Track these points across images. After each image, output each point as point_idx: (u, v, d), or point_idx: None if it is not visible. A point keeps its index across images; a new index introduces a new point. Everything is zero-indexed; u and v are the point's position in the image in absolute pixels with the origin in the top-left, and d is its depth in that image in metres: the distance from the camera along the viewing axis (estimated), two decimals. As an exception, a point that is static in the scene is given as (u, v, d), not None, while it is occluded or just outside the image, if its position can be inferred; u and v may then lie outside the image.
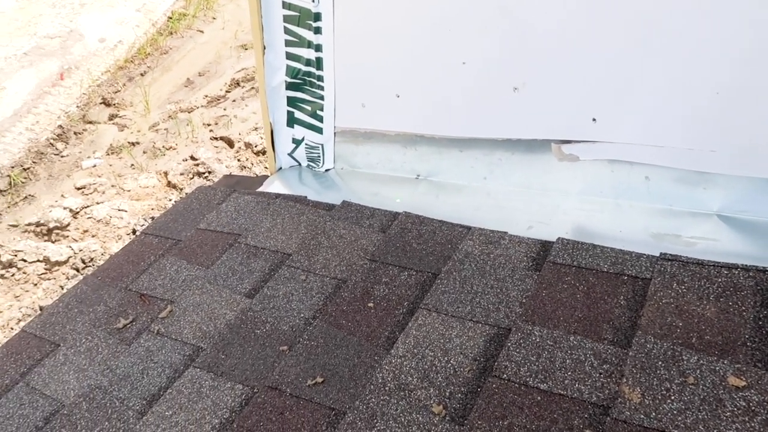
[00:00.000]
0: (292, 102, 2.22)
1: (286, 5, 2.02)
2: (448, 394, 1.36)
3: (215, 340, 1.64)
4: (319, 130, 2.22)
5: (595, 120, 1.74)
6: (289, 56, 2.12)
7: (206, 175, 4.67)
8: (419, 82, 1.96)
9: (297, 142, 2.30)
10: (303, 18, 2.02)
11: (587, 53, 1.69)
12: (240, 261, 1.91)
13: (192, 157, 4.86)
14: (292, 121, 2.26)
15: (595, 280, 1.55)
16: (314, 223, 1.99)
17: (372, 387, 1.41)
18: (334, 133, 2.22)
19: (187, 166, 4.78)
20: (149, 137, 5.27)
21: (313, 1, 1.97)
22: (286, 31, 2.07)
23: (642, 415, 1.21)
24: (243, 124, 5.23)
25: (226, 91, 5.65)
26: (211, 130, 5.21)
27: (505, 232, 1.76)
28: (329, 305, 1.67)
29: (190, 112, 5.45)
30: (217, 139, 5.11)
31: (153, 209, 4.51)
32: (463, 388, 1.37)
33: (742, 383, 1.22)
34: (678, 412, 1.20)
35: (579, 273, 1.58)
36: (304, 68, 2.13)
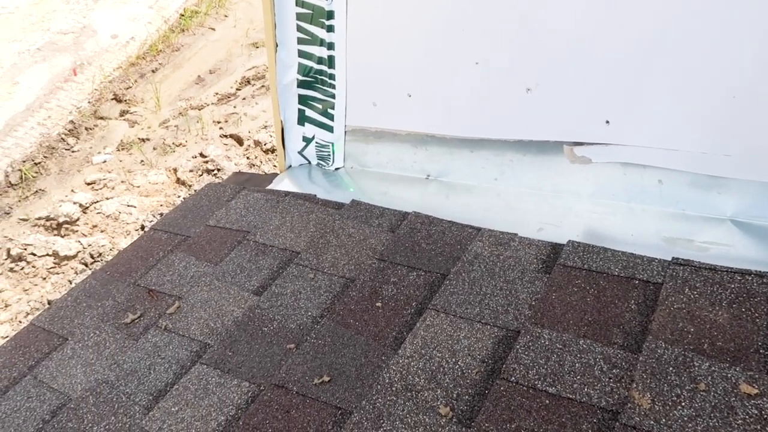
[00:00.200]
0: (303, 100, 2.21)
1: (299, 3, 2.01)
2: (455, 395, 1.35)
3: (222, 337, 1.64)
4: (330, 129, 2.22)
5: (609, 122, 1.73)
6: (301, 54, 2.12)
7: (215, 172, 4.68)
8: (431, 82, 1.95)
9: (307, 141, 2.29)
10: (316, 16, 2.02)
11: (601, 55, 1.67)
12: (248, 258, 1.90)
13: (201, 155, 4.87)
14: (302, 119, 2.26)
15: (606, 283, 1.54)
16: (323, 222, 1.98)
17: (379, 387, 1.40)
18: (345, 132, 2.21)
19: (196, 163, 4.80)
20: (159, 134, 5.29)
21: (326, -1, 1.97)
22: (299, 29, 2.07)
23: (652, 421, 1.19)
24: (253, 122, 5.24)
25: (237, 89, 5.66)
26: (220, 128, 5.22)
27: (516, 234, 1.75)
28: (337, 304, 1.66)
29: (200, 110, 5.46)
30: (226, 136, 5.13)
31: (162, 205, 4.52)
32: (471, 390, 1.36)
33: (755, 391, 1.20)
34: (688, 418, 1.19)
35: (589, 276, 1.57)
36: (316, 66, 2.12)
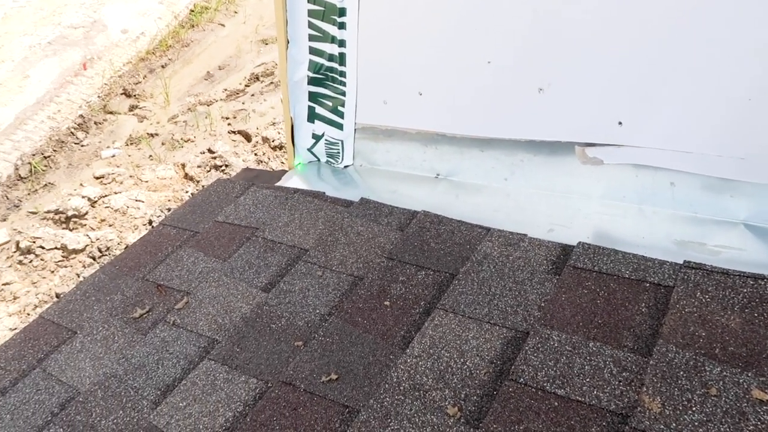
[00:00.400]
0: (313, 97, 2.21)
1: (311, 0, 2.01)
2: (463, 396, 1.35)
3: (230, 333, 1.64)
4: (340, 126, 2.21)
5: (621, 123, 1.71)
6: (312, 51, 2.11)
7: (223, 168, 4.69)
8: (442, 81, 1.94)
9: (317, 138, 2.29)
10: (328, 13, 2.01)
11: (614, 55, 1.66)
12: (257, 255, 1.90)
13: (209, 150, 4.88)
14: (312, 117, 2.25)
15: (616, 286, 1.53)
16: (332, 220, 1.98)
17: (386, 386, 1.40)
18: (355, 130, 2.21)
19: (204, 159, 4.80)
20: (168, 129, 5.30)
21: (338, -4, 1.97)
22: (310, 26, 2.06)
23: (662, 426, 1.18)
24: (261, 119, 5.24)
25: (246, 86, 5.67)
26: (229, 124, 5.23)
27: (525, 235, 1.74)
28: (345, 302, 1.66)
29: (209, 105, 5.47)
30: (234, 132, 5.13)
31: (170, 200, 4.54)
32: (479, 391, 1.35)
33: (767, 397, 1.19)
34: (699, 423, 1.18)
35: (600, 278, 1.56)
36: (327, 63, 2.12)
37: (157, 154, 5.00)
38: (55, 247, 4.16)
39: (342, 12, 2.00)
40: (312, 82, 2.18)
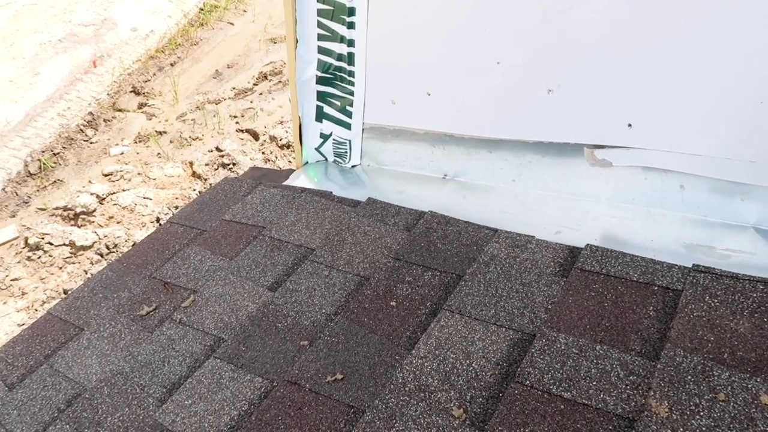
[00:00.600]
0: (321, 96, 2.21)
1: (320, -1, 2.01)
2: (468, 397, 1.35)
3: (236, 332, 1.64)
4: (348, 126, 2.21)
5: (631, 125, 1.70)
6: (321, 50, 2.11)
7: (231, 166, 4.71)
8: (451, 81, 1.93)
9: (325, 137, 2.29)
10: (337, 12, 2.01)
11: (625, 57, 1.65)
12: (263, 254, 1.91)
13: (217, 149, 4.89)
14: (320, 116, 2.25)
15: (624, 289, 1.52)
16: (339, 219, 1.98)
17: (392, 387, 1.39)
18: (363, 130, 2.21)
19: (212, 157, 4.82)
20: (176, 127, 5.33)
21: (347, -5, 1.96)
22: (319, 25, 2.06)
23: (669, 430, 1.17)
24: (269, 117, 5.25)
25: (254, 84, 5.68)
26: (237, 122, 5.25)
27: (533, 236, 1.73)
28: (351, 302, 1.66)
29: (217, 104, 5.49)
30: (242, 131, 5.15)
31: (177, 198, 4.55)
32: (485, 393, 1.35)
33: (776, 403, 1.18)
34: (707, 429, 1.17)
35: (607, 281, 1.55)
36: (336, 63, 2.12)
37: (166, 152, 5.02)
38: (64, 244, 4.19)
39: (351, 11, 2.00)
40: (320, 81, 2.18)
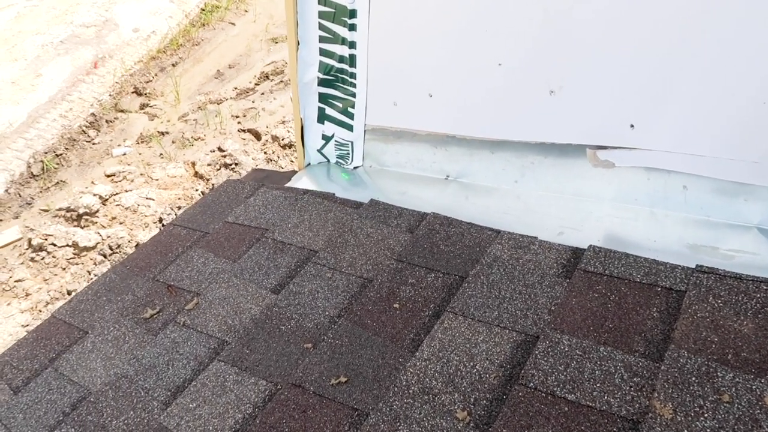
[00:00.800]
0: (323, 98, 2.21)
1: (321, 1, 2.01)
2: (473, 400, 1.35)
3: (240, 335, 1.65)
4: (350, 128, 2.21)
5: (633, 126, 1.70)
6: (323, 52, 2.11)
7: (233, 166, 4.71)
8: (453, 82, 1.93)
9: (327, 139, 2.29)
10: (338, 14, 2.01)
11: (627, 57, 1.65)
12: (266, 256, 1.91)
13: (219, 149, 4.90)
14: (322, 118, 2.25)
15: (628, 290, 1.52)
16: (341, 221, 1.98)
17: (396, 389, 1.40)
18: (365, 131, 2.21)
19: (214, 157, 4.82)
20: (178, 127, 5.33)
21: (348, -3, 1.96)
22: (321, 27, 2.06)
23: (673, 433, 1.17)
24: (271, 117, 5.25)
25: (255, 84, 5.68)
26: (239, 122, 5.25)
27: (535, 237, 1.73)
28: (354, 304, 1.66)
29: (219, 104, 5.49)
30: (244, 131, 5.15)
31: (180, 198, 4.56)
32: (489, 395, 1.35)
33: (780, 404, 1.18)
34: (711, 430, 1.17)
35: (611, 282, 1.55)
36: (337, 65, 2.12)
37: (168, 153, 5.02)
38: (67, 245, 4.20)
39: (353, 14, 2.00)
40: (322, 83, 2.18)
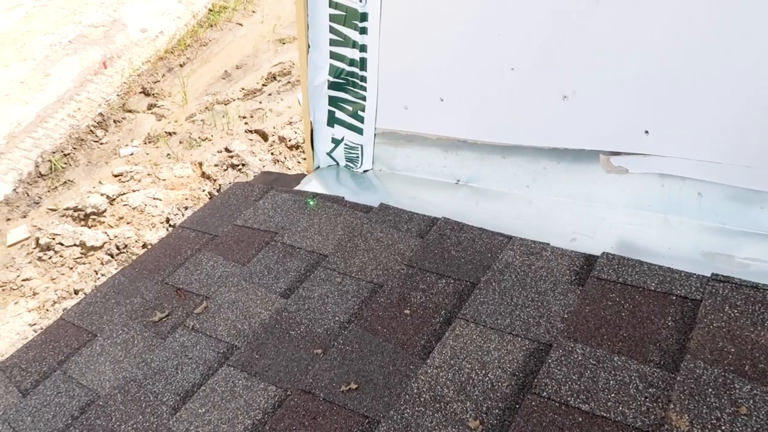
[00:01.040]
0: (333, 101, 2.20)
1: (332, 4, 2.00)
2: (485, 408, 1.33)
3: (249, 339, 1.64)
4: (360, 131, 2.20)
5: (648, 132, 1.68)
6: (333, 56, 2.10)
7: (240, 167, 4.70)
8: (465, 87, 1.92)
9: (336, 142, 2.28)
10: (349, 18, 2.00)
11: (643, 62, 1.63)
12: (276, 260, 1.90)
13: (227, 149, 4.89)
14: (332, 121, 2.24)
15: (642, 298, 1.50)
16: (351, 225, 1.97)
17: (407, 397, 1.38)
18: (375, 135, 2.19)
19: (221, 158, 4.82)
20: (186, 128, 5.33)
21: (360, 0, 1.95)
22: (332, 31, 2.05)
23: (690, 445, 1.16)
24: (278, 118, 5.25)
25: (263, 85, 5.68)
26: (246, 123, 5.24)
27: (548, 244, 1.72)
28: (365, 310, 1.65)
29: (226, 104, 5.49)
30: (251, 132, 5.15)
31: (187, 199, 4.56)
32: (501, 404, 1.34)
33: (799, 418, 1.16)
34: (729, 443, 1.15)
35: (624, 290, 1.53)
36: (348, 68, 2.11)
37: (175, 153, 5.02)
38: (74, 244, 4.20)
39: (364, 17, 1.98)
40: (332, 86, 2.17)
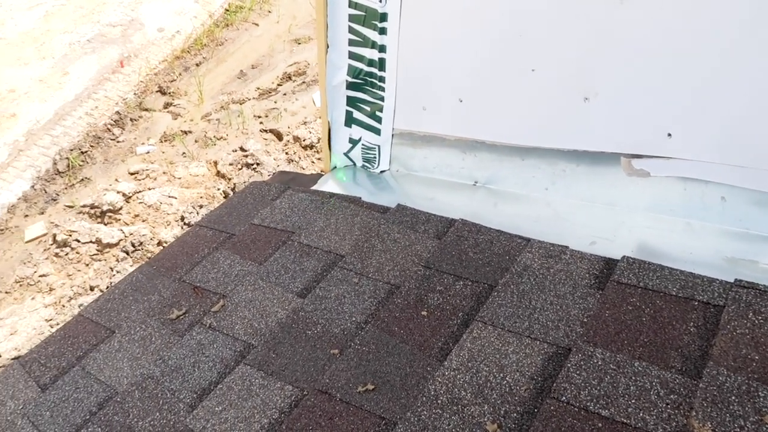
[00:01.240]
0: (351, 102, 2.20)
1: (352, 4, 1.99)
2: (503, 412, 1.32)
3: (266, 338, 1.64)
4: (377, 132, 2.20)
5: (671, 135, 1.66)
6: (352, 56, 2.10)
7: (254, 166, 4.72)
8: (484, 88, 1.91)
9: (354, 142, 2.28)
10: (369, 18, 2.00)
11: (666, 65, 1.61)
12: (293, 259, 1.90)
13: (241, 148, 4.91)
14: (350, 121, 2.24)
15: (663, 303, 1.48)
16: (368, 225, 1.97)
17: (424, 399, 1.37)
18: (392, 135, 2.19)
19: (236, 157, 4.84)
20: (201, 126, 5.36)
21: (380, 1, 1.95)
22: (351, 31, 2.05)
23: (713, 453, 1.14)
24: (292, 118, 5.26)
25: (278, 85, 5.70)
26: (261, 122, 5.26)
27: (567, 247, 1.70)
28: (382, 311, 1.64)
29: (241, 104, 5.51)
30: (266, 131, 5.16)
31: (202, 197, 4.58)
32: (519, 408, 1.32)
33: (826, 427, 1.14)
34: (753, 453, 1.13)
35: (645, 295, 1.51)
36: (366, 68, 2.10)
37: (191, 152, 5.06)
38: (90, 241, 4.24)
39: (383, 17, 1.98)
40: (351, 86, 2.17)
